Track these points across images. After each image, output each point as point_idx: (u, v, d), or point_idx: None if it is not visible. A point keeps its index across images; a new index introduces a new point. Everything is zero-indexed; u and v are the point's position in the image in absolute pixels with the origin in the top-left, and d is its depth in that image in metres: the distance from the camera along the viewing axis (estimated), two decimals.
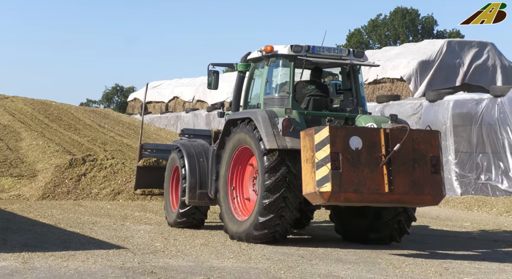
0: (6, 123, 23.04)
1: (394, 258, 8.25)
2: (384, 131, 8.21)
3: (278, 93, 9.34)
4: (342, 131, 8.11)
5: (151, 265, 7.22)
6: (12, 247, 8.09)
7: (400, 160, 8.14)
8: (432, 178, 8.23)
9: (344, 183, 7.94)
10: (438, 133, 8.51)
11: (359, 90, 9.61)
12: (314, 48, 9.37)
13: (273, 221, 8.63)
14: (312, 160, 8.04)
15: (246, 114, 9.17)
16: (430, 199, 8.38)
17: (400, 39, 51.69)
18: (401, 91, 20.27)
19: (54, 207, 13.00)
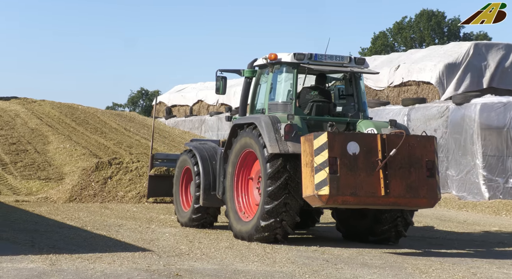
0: (34, 127, 23.35)
1: (421, 263, 8.17)
2: (381, 137, 8.57)
3: (281, 99, 9.65)
4: (340, 137, 8.47)
5: (176, 268, 7.25)
6: (40, 249, 8.19)
7: (396, 164, 8.48)
8: (427, 182, 8.55)
9: (341, 186, 8.29)
10: (434, 138, 8.86)
11: (361, 96, 9.89)
12: (316, 56, 9.70)
13: (274, 225, 9.01)
14: (311, 164, 8.40)
15: (250, 120, 9.53)
16: (426, 202, 8.72)
17: (426, 42, 51.26)
18: (427, 94, 20.09)
19: (81, 210, 13.13)
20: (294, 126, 9.04)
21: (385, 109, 18.33)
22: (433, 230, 11.86)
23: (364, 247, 9.28)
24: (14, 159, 19.25)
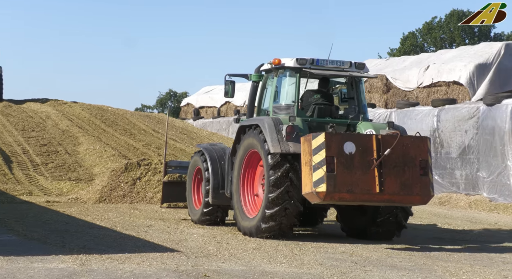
0: (65, 128, 23.65)
1: (451, 265, 8.07)
2: (376, 137, 9.06)
3: (285, 102, 10.17)
4: (337, 137, 8.99)
5: (204, 269, 7.28)
6: (70, 249, 8.29)
7: (390, 163, 8.95)
8: (421, 180, 9.00)
9: (338, 184, 8.77)
10: (427, 139, 9.33)
11: (361, 99, 10.37)
12: (318, 61, 10.22)
13: (279, 214, 9.42)
14: (310, 163, 8.90)
15: (254, 121, 10.04)
16: (419, 199, 9.17)
17: (456, 42, 50.66)
18: (457, 95, 19.84)
19: (111, 210, 13.26)
20: (295, 127, 9.51)
21: (414, 110, 18.16)
22: (463, 232, 11.70)
23: (393, 248, 9.21)
24: (45, 160, 19.52)
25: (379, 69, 23.32)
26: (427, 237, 10.60)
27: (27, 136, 22.02)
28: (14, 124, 23.84)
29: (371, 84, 22.70)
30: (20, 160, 19.33)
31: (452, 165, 16.64)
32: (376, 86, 22.53)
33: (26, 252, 8.00)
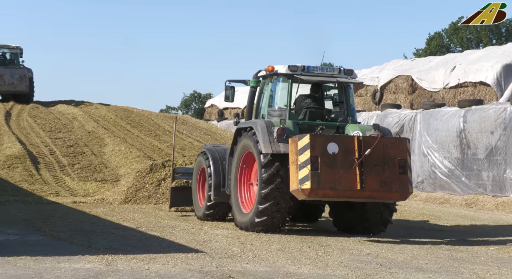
0: (91, 130, 23.88)
1: (478, 267, 7.97)
2: (358, 139, 9.74)
3: (278, 106, 10.86)
4: (321, 138, 9.69)
5: (228, 270, 7.29)
6: (96, 249, 8.37)
7: (371, 162, 9.61)
8: (400, 178, 9.67)
9: (322, 182, 9.49)
10: (406, 140, 9.99)
11: (350, 103, 11.07)
12: (309, 68, 10.90)
13: (271, 209, 10.12)
14: (296, 162, 9.61)
15: (249, 124, 10.79)
16: (398, 196, 9.90)
17: (482, 42, 50.06)
18: (484, 95, 19.60)
19: (136, 211, 13.35)
20: (286, 129, 10.22)
21: (440, 111, 17.99)
22: (490, 234, 11.55)
23: (419, 250, 9.13)
24: (71, 161, 19.73)
25: (404, 69, 23.15)
26: (454, 239, 10.49)
27: (54, 137, 22.29)
28: (41, 125, 24.15)
29: (396, 85, 22.55)
30: (47, 161, 19.57)
31: (479, 166, 16.45)
32: (401, 87, 22.36)
33: (53, 252, 8.10)
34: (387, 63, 25.19)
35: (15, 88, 27.91)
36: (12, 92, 28.05)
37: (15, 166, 18.48)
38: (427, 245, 9.72)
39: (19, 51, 28.91)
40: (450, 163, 17.19)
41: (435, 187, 17.68)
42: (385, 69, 24.38)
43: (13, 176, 17.73)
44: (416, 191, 18.15)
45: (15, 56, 28.92)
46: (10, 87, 27.81)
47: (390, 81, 22.73)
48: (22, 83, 27.98)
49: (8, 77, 27.63)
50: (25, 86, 28.17)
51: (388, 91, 22.84)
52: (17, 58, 28.97)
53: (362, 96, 24.21)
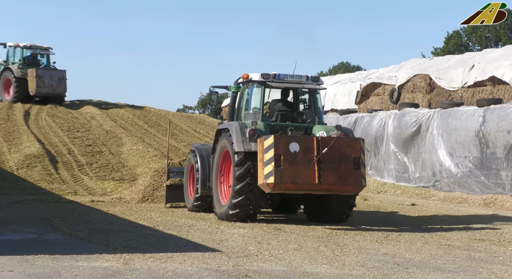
0: (109, 129, 24.02)
1: (496, 267, 7.90)
2: (316, 139, 11.00)
3: (252, 109, 12.14)
4: (283, 139, 10.95)
5: (245, 269, 7.30)
6: (114, 248, 8.42)
7: (328, 159, 10.87)
8: (354, 173, 10.93)
9: (284, 177, 10.75)
10: (360, 139, 11.28)
11: (317, 107, 12.36)
12: (280, 76, 12.14)
13: (243, 202, 11.37)
14: (263, 160, 10.90)
15: (226, 126, 12.06)
16: (352, 189, 11.16)
17: (501, 41, 49.58)
18: (503, 94, 19.39)
19: (153, 210, 13.41)
20: (257, 130, 11.45)
21: (459, 110, 17.84)
22: (509, 233, 11.40)
23: (437, 250, 9.06)
24: (89, 160, 19.87)
25: (422, 68, 22.99)
26: (472, 238, 10.40)
27: (72, 137, 22.45)
28: (59, 125, 24.33)
29: (414, 84, 22.39)
30: (66, 160, 19.72)
31: (498, 166, 16.28)
32: (419, 86, 22.20)
33: (71, 251, 8.16)
34: (405, 62, 25.03)
35: (54, 90, 27.61)
36: (50, 94, 27.73)
37: (34, 165, 18.65)
38: (445, 245, 9.65)
39: (51, 52, 28.63)
40: (469, 162, 17.04)
41: (453, 186, 17.54)
42: (403, 68, 24.23)
43: (32, 175, 17.89)
44: (434, 190, 18.03)
45: (47, 57, 28.67)
46: (49, 89, 27.47)
47: (408, 80, 22.57)
48: (61, 86, 27.71)
49: (47, 79, 27.29)
50: (63, 88, 27.94)
51: (406, 91, 22.69)
52: (49, 59, 28.70)
53: (380, 96, 24.08)
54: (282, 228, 11.01)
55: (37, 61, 28.51)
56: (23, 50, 28.03)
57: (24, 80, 27.47)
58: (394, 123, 19.99)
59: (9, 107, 26.97)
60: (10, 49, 28.54)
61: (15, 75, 27.52)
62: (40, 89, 27.18)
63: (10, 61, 28.38)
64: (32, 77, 26.99)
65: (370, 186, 19.98)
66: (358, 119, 21.99)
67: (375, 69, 27.50)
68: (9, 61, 28.42)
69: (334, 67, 62.46)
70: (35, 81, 26.84)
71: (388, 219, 12.98)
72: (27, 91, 27.47)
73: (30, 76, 27.13)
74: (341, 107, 25.49)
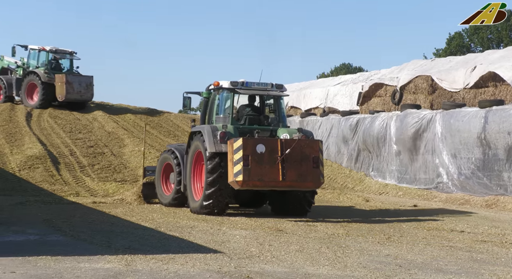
0: (111, 130, 24.04)
1: (498, 269, 7.89)
2: (280, 141, 12.32)
3: (222, 114, 13.39)
4: (251, 141, 12.18)
5: (247, 270, 7.29)
6: (116, 249, 8.42)
7: (291, 159, 12.18)
8: (313, 171, 12.28)
9: (251, 175, 12.01)
10: (319, 141, 12.65)
11: (281, 111, 13.68)
12: (247, 83, 13.35)
13: (215, 193, 12.56)
14: (232, 160, 12.10)
15: (199, 128, 13.22)
16: (312, 185, 12.50)
17: (503, 42, 49.54)
18: (505, 95, 19.37)
19: (155, 211, 13.42)
20: (227, 133, 12.65)
21: (461, 111, 17.82)
22: (511, 235, 11.39)
23: (439, 251, 9.06)
24: (91, 161, 19.88)
25: (424, 70, 22.97)
26: (474, 240, 10.39)
27: (74, 138, 22.47)
28: (61, 126, 24.35)
29: (416, 85, 22.37)
30: (68, 161, 19.74)
31: (500, 167, 16.26)
32: (421, 87, 22.18)
33: (73, 252, 8.17)
34: (407, 64, 25.02)
35: (82, 96, 26.90)
36: (78, 100, 27.03)
37: (36, 166, 18.66)
38: (447, 246, 9.64)
39: (75, 56, 27.70)
40: (471, 163, 17.02)
41: (455, 188, 17.52)
42: (405, 69, 24.22)
43: (34, 176, 17.90)
44: (436, 191, 18.00)
45: (71, 61, 27.74)
46: (78, 96, 26.72)
47: (410, 82, 22.55)
48: (88, 92, 26.98)
49: (76, 85, 26.51)
50: (91, 94, 27.24)
51: (408, 92, 22.67)
52: (72, 64, 27.73)
53: (382, 97, 24.07)
54: (284, 229, 11.02)
55: (60, 65, 27.58)
56: (48, 54, 27.06)
57: (51, 86, 26.50)
58: (396, 125, 19.98)
59: (11, 109, 26.97)
60: (32, 52, 27.52)
61: (42, 80, 26.51)
62: (69, 96, 26.36)
63: (32, 64, 27.33)
64: (61, 83, 26.12)
65: (372, 187, 19.97)
66: (360, 121, 21.98)
67: (377, 71, 27.49)
68: (30, 64, 27.39)
69: (336, 68, 62.48)
70: (65, 87, 26.02)
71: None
72: (53, 96, 26.65)
73: (58, 82, 26.22)
74: (343, 109, 25.48)
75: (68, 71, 27.47)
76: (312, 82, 32.15)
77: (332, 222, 12.26)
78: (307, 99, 28.82)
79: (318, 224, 11.85)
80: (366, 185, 20.36)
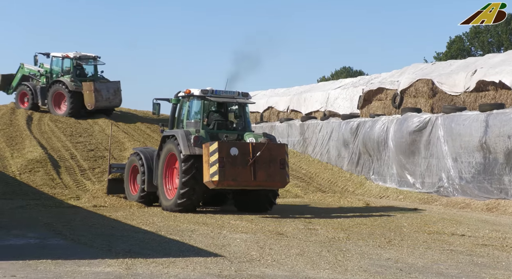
0: (112, 134, 24.02)
1: (499, 273, 7.88)
2: (251, 145, 13.56)
3: (194, 119, 14.55)
4: (225, 144, 13.39)
5: (247, 274, 7.29)
6: (116, 253, 8.42)
7: (261, 161, 13.48)
8: (280, 172, 13.63)
9: (226, 175, 13.17)
10: (285, 145, 14.04)
11: (246, 117, 14.97)
12: (216, 91, 14.55)
13: (189, 192, 13.65)
14: (208, 161, 13.22)
15: (172, 133, 14.33)
16: (279, 184, 13.93)
17: (504, 46, 49.58)
18: (506, 99, 19.37)
19: (155, 215, 13.42)
20: (200, 137, 13.78)
21: (462, 115, 17.82)
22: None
23: (440, 255, 9.05)
24: (92, 165, 19.88)
25: (425, 73, 22.98)
26: (474, 243, 10.38)
27: (75, 141, 22.48)
28: (62, 130, 24.36)
29: (417, 89, 22.38)
30: (68, 165, 19.74)
31: (500, 171, 16.25)
32: (421, 91, 22.19)
33: (73, 256, 8.16)
34: (408, 67, 25.02)
35: (111, 102, 26.39)
36: (108, 107, 26.58)
37: (37, 170, 18.66)
38: (448, 250, 9.63)
39: (99, 61, 27.04)
40: (472, 167, 17.01)
41: (456, 192, 17.51)
42: (405, 73, 24.22)
43: (34, 180, 17.90)
44: (437, 195, 17.99)
45: (95, 67, 27.04)
46: (107, 102, 26.18)
47: (411, 85, 22.55)
48: (117, 98, 26.46)
49: (105, 92, 25.98)
50: (119, 100, 26.65)
51: (408, 95, 22.67)
52: (96, 69, 27.06)
53: (382, 100, 24.07)
54: (285, 233, 11.01)
55: (84, 71, 26.93)
56: (72, 61, 26.47)
57: (79, 94, 25.95)
58: (396, 128, 19.98)
59: (11, 113, 26.98)
60: (55, 59, 26.94)
61: (70, 89, 25.95)
62: (99, 104, 25.86)
63: (55, 72, 26.79)
64: (89, 91, 25.52)
65: (373, 190, 19.96)
66: (361, 124, 21.98)
67: (377, 74, 27.51)
68: (54, 72, 26.88)
69: (337, 72, 62.54)
70: (94, 95, 25.38)
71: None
72: (82, 105, 26.04)
73: (86, 90, 25.59)
74: (343, 112, 25.49)
75: (93, 76, 26.76)
76: (312, 86, 32.17)
77: (332, 225, 12.25)
78: (307, 103, 28.83)
79: (318, 227, 11.84)
80: (366, 188, 20.35)
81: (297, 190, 19.37)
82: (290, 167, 23.16)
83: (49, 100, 26.70)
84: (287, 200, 18.04)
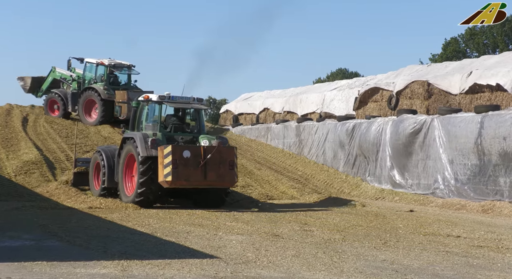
0: (107, 135, 24.03)
1: (494, 274, 7.90)
2: (203, 147, 14.75)
3: (152, 123, 15.79)
4: (179, 147, 14.55)
5: (243, 275, 7.28)
6: (111, 255, 8.41)
7: (212, 162, 14.64)
8: (229, 172, 14.84)
9: (179, 176, 14.35)
10: (234, 148, 15.37)
11: (201, 121, 16.24)
12: (173, 97, 15.78)
13: (146, 192, 14.82)
14: (163, 163, 14.38)
15: (131, 135, 15.49)
16: (228, 184, 15.18)
17: (499, 48, 49.70)
18: (501, 101, 19.42)
19: (151, 216, 13.40)
20: (157, 140, 14.91)
21: (457, 116, 17.85)
22: (507, 240, 11.39)
23: (435, 257, 9.06)
24: None
25: (420, 75, 23.02)
26: (470, 245, 10.40)
27: (71, 143, 22.43)
28: (58, 131, 24.31)
29: (412, 90, 22.41)
30: (64, 167, 19.69)
31: (496, 172, 16.28)
32: (417, 92, 22.22)
33: (68, 258, 8.15)
34: (403, 69, 25.06)
35: None
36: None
37: (32, 171, 18.62)
38: (443, 251, 9.65)
39: (134, 70, 26.29)
40: (467, 168, 17.05)
41: (452, 193, 17.54)
42: (401, 74, 24.26)
43: (30, 181, 17.87)
44: (432, 197, 18.02)
45: (129, 76, 26.23)
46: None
47: (406, 87, 22.58)
48: None
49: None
50: None
51: (404, 97, 22.71)
52: (130, 78, 26.21)
53: (378, 102, 24.10)
54: (280, 234, 11.01)
55: (117, 79, 26.21)
56: (107, 68, 25.77)
57: (111, 102, 25.23)
58: (392, 130, 20.00)
59: (7, 114, 26.91)
60: (89, 65, 26.32)
61: (102, 97, 25.28)
62: (130, 113, 25.36)
63: (88, 78, 26.15)
64: (122, 100, 24.56)
65: (368, 192, 19.98)
66: (356, 126, 22.00)
67: (373, 76, 27.54)
68: (86, 78, 26.23)
69: (332, 74, 62.57)
70: (126, 105, 24.02)
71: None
72: (112, 113, 25.34)
73: (119, 99, 24.74)
74: (339, 114, 25.51)
75: (126, 85, 26.11)
76: (308, 87, 32.19)
77: (328, 227, 12.26)
78: (303, 105, 28.84)
79: (314, 229, 11.84)
80: (362, 190, 20.37)
81: (293, 192, 19.37)
82: (286, 168, 23.33)
83: (80, 107, 26.08)
84: (283, 201, 18.05)
